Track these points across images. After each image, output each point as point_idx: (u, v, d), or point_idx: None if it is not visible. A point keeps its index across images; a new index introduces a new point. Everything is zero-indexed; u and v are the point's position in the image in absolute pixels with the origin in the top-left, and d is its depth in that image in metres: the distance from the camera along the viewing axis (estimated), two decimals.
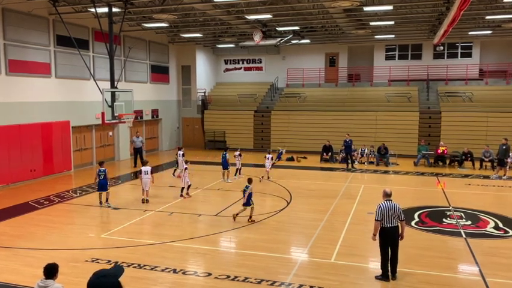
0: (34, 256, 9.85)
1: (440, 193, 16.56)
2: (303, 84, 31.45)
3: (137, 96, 23.09)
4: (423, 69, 29.26)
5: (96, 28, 21.02)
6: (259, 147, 28.37)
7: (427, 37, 27.05)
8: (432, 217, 13.11)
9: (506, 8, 19.55)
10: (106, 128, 23.52)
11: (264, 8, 19.57)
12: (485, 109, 25.34)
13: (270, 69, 32.76)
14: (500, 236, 11.48)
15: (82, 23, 21.02)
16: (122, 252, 10.14)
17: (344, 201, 15.07)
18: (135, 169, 21.70)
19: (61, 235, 11.42)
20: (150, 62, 27.45)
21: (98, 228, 12.22)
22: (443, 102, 26.97)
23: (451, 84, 28.66)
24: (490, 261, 9.56)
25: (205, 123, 30.25)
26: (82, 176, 19.99)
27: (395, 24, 23.38)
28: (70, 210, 14.23)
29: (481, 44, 28.83)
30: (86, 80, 21.52)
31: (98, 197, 14.56)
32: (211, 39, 28.59)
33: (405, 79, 29.68)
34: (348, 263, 9.47)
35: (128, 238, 11.19)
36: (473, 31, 25.20)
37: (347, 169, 21.94)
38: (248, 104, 30.43)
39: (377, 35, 26.75)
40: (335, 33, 26.29)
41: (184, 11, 20.44)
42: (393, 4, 18.62)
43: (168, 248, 10.44)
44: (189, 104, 31.31)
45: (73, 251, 10.17)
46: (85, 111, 21.59)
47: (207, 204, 14.93)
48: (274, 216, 13.26)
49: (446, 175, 20.42)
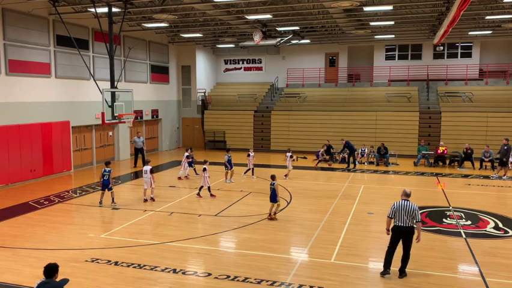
0: (34, 256, 9.85)
1: (440, 193, 16.56)
2: (303, 84, 31.46)
3: (137, 96, 23.10)
4: (423, 69, 29.27)
5: (96, 28, 21.05)
6: (260, 147, 28.40)
7: (427, 37, 27.06)
8: (432, 217, 13.11)
9: (506, 8, 19.56)
10: (106, 128, 23.53)
11: (264, 8, 19.58)
12: (485, 109, 25.34)
13: (270, 69, 32.77)
14: (500, 236, 11.47)
15: (81, 23, 21.04)
16: (122, 252, 10.14)
17: (343, 202, 15.07)
18: (135, 169, 21.70)
19: (61, 235, 11.42)
20: (150, 62, 27.46)
21: (98, 228, 12.22)
22: (443, 103, 26.97)
23: (451, 84, 28.66)
24: (490, 262, 9.56)
25: (205, 123, 30.26)
26: (81, 176, 19.98)
27: (395, 24, 23.38)
28: (69, 210, 14.23)
29: (481, 44, 28.84)
30: (86, 80, 21.54)
31: (99, 197, 14.58)
32: (211, 39, 28.59)
33: (405, 79, 29.69)
34: (348, 263, 9.47)
35: (128, 238, 11.18)
36: (473, 31, 25.20)
37: (347, 169, 21.96)
38: (248, 104, 30.43)
39: (377, 35, 26.75)
40: (334, 33, 26.30)
41: (184, 11, 20.45)
42: (393, 4, 18.63)
43: (168, 248, 10.44)
44: (189, 104, 31.31)
45: (73, 251, 10.17)
46: (84, 112, 21.59)
47: (207, 204, 14.93)
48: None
49: (446, 175, 20.41)
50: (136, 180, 19.11)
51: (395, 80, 29.91)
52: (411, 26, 24.09)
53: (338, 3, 18.07)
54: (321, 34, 26.84)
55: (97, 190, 16.43)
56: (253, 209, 13.96)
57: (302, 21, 22.87)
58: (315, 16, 21.64)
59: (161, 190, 16.71)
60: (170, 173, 20.28)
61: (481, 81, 28.45)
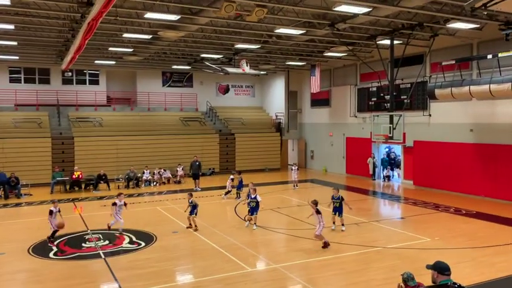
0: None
1: (77, 218, 16.54)
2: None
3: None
4: (53, 94, 28.71)
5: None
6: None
7: (55, 62, 26.70)
8: (71, 244, 12.91)
9: (125, 43, 21.74)
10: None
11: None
12: (115, 133, 27.23)
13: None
14: (135, 249, 12.48)
15: None
16: None
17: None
18: None
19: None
20: None
21: None
22: (75, 128, 27.22)
23: (82, 110, 29.31)
24: (128, 275, 10.23)
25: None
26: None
27: (19, 46, 21.92)
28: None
29: (107, 72, 30.92)
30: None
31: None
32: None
33: (35, 104, 28.25)
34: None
35: None
36: (99, 60, 26.67)
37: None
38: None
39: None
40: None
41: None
42: (14, 24, 17.43)
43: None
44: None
45: None
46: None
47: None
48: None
49: (82, 199, 20.61)
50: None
51: (22, 104, 27.95)
52: (37, 49, 23.14)
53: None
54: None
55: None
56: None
57: None
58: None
59: None
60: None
61: (109, 107, 30.46)
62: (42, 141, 25.20)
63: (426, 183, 22.18)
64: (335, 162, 29.10)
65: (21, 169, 23.02)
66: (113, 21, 16.61)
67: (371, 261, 11.10)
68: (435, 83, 19.02)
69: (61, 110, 28.29)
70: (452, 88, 18.19)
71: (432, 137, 21.94)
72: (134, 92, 31.78)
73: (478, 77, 18.61)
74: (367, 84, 26.45)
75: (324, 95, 29.85)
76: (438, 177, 21.48)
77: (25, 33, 19.34)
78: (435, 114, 22.03)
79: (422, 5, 15.30)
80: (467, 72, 19.68)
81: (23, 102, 27.98)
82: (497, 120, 18.96)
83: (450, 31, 19.27)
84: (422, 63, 22.03)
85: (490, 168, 19.15)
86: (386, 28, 19.31)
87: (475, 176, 19.75)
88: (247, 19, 15.79)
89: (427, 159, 22.15)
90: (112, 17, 15.32)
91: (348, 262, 11.05)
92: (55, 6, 15.37)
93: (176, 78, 33.07)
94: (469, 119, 20.20)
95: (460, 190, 20.32)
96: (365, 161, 26.10)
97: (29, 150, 24.49)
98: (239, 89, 35.38)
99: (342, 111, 28.63)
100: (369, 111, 25.62)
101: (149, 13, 15.81)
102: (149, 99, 31.48)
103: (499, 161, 18.81)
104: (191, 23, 17.47)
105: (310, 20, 17.54)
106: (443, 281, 5.15)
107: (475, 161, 19.79)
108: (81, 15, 15.35)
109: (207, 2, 15.20)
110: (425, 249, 11.97)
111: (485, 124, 19.50)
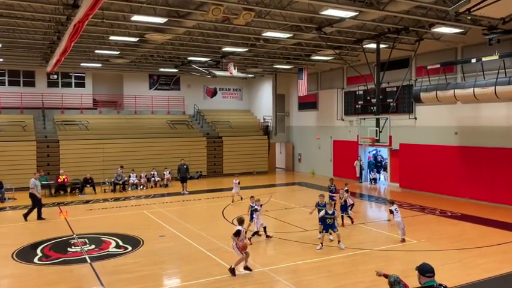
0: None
1: (63, 223, 16.32)
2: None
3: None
4: (38, 97, 28.34)
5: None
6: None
7: (40, 64, 26.37)
8: (56, 249, 12.73)
9: (112, 45, 21.58)
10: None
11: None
12: (101, 136, 26.97)
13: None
14: (121, 253, 12.36)
15: None
16: None
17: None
18: None
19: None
20: None
21: None
22: (61, 131, 26.89)
23: (67, 112, 28.98)
24: (115, 280, 10.13)
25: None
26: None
27: (4, 48, 21.61)
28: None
29: (93, 75, 30.62)
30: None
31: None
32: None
33: (19, 107, 27.86)
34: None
35: None
36: (85, 63, 26.41)
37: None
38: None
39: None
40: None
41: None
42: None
43: None
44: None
45: None
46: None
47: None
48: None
49: (68, 203, 20.36)
50: None
51: (6, 107, 27.54)
52: (22, 51, 22.84)
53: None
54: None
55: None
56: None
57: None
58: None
59: None
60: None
61: (96, 110, 30.16)
62: (27, 144, 24.83)
63: (412, 186, 22.39)
64: (323, 165, 29.21)
65: (6, 173, 22.70)
66: (100, 24, 16.47)
67: (358, 264, 11.15)
68: (421, 87, 19.24)
69: (46, 113, 27.94)
70: (437, 91, 18.42)
71: (418, 140, 22.17)
72: (121, 95, 31.53)
73: (463, 80, 18.88)
74: (354, 87, 26.64)
75: (311, 98, 29.98)
76: (424, 180, 21.69)
77: (9, 35, 19.07)
78: (420, 118, 22.27)
79: (408, 9, 15.48)
80: (452, 76, 19.95)
81: (7, 105, 27.55)
82: (481, 123, 19.23)
83: (435, 35, 19.53)
84: (408, 67, 22.26)
85: (474, 170, 19.40)
86: (372, 32, 19.50)
87: (459, 179, 19.99)
88: (235, 22, 15.80)
89: (413, 162, 22.36)
90: (98, 19, 15.23)
91: (335, 265, 11.09)
92: (40, 8, 15.19)
93: (164, 81, 32.91)
94: (453, 122, 20.47)
95: (445, 192, 20.54)
96: (352, 164, 26.26)
97: (13, 153, 24.10)
98: (227, 92, 35.34)
99: (329, 114, 28.79)
100: (356, 115, 25.79)
101: (136, 16, 15.71)
102: (136, 102, 31.27)
103: (483, 164, 19.06)
104: (178, 26, 17.41)
105: (297, 23, 17.62)
106: (427, 282, 5.20)
107: (460, 164, 20.04)
108: (67, 17, 15.21)
109: (194, 5, 15.16)
110: (412, 251, 12.07)
111: (469, 127, 19.77)
